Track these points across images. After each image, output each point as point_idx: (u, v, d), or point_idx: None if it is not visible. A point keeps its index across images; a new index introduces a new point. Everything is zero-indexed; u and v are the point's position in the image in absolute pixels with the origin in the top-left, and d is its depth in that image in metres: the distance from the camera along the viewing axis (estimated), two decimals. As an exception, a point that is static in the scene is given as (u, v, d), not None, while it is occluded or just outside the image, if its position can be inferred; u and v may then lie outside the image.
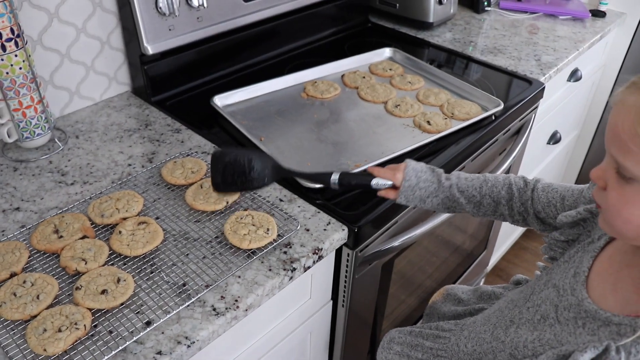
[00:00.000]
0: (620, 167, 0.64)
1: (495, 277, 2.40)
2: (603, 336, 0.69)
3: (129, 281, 0.88)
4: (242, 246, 0.95)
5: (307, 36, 1.76)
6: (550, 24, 2.00)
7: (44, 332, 0.79)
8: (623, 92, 0.64)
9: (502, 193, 0.98)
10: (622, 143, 0.63)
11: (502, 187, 0.99)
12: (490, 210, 1.00)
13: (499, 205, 0.99)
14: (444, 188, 1.01)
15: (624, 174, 0.64)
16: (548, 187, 0.95)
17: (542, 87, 1.58)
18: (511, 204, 0.98)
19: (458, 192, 1.00)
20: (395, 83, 1.53)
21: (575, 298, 0.75)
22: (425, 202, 1.01)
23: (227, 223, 0.99)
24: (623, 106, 0.63)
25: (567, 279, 0.78)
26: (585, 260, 0.78)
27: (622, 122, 0.63)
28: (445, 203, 1.02)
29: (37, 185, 1.13)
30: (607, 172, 0.67)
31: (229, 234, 0.97)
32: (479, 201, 1.00)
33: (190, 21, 1.39)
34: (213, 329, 0.86)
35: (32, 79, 1.15)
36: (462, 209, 1.02)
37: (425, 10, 1.85)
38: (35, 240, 0.95)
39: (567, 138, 2.31)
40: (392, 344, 1.07)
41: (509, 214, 0.99)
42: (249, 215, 1.01)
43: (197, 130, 1.31)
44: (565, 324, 0.74)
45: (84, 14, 1.30)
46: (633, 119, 0.61)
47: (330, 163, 1.22)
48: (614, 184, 0.66)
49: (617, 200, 0.66)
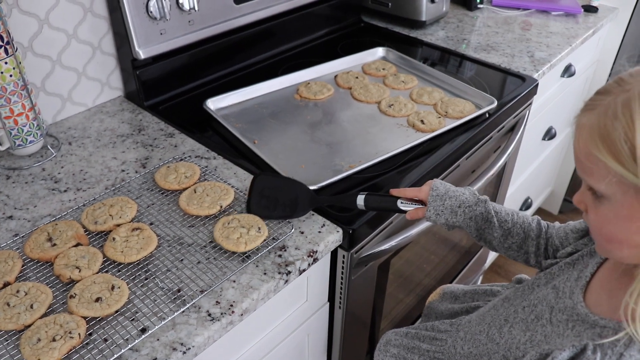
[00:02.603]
0: (590, 186, 0.66)
1: (493, 274, 2.40)
2: (586, 337, 0.69)
3: (124, 288, 0.88)
4: (239, 250, 0.95)
5: (300, 37, 1.76)
6: (543, 20, 2.00)
7: (38, 342, 0.78)
8: (578, 116, 0.67)
9: (532, 226, 0.96)
10: (582, 164, 0.65)
11: (532, 221, 0.97)
12: (517, 244, 0.97)
13: (527, 239, 0.96)
14: (478, 200, 0.97)
15: (596, 193, 0.65)
16: (563, 225, 0.95)
17: (535, 83, 1.58)
18: (539, 241, 0.96)
19: (493, 211, 0.96)
20: (388, 82, 1.53)
21: (571, 301, 0.75)
22: (457, 215, 0.96)
23: (216, 231, 0.99)
24: (577, 129, 0.66)
25: (569, 282, 0.78)
26: (590, 265, 0.78)
27: (578, 144, 0.65)
28: (477, 221, 0.97)
29: (30, 193, 1.12)
30: (585, 195, 0.69)
31: (222, 240, 0.97)
32: (509, 229, 0.96)
33: (181, 25, 1.39)
34: (209, 334, 0.85)
35: (23, 86, 1.14)
36: (491, 233, 0.97)
37: (418, 9, 1.84)
38: (29, 248, 0.95)
39: (562, 133, 2.31)
40: (389, 346, 1.07)
41: (534, 252, 0.96)
42: (235, 219, 1.00)
43: (190, 135, 1.31)
44: (557, 326, 0.75)
45: (74, 20, 1.29)
46: (586, 138, 0.64)
47: (325, 164, 1.22)
48: (591, 205, 0.68)
49: (596, 221, 0.68)
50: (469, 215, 0.97)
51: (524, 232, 0.96)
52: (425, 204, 0.98)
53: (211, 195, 1.07)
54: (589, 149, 0.63)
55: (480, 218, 0.97)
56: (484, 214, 0.96)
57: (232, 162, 1.22)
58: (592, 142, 0.62)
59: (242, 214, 1.03)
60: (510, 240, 0.97)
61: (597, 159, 0.62)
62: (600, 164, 0.62)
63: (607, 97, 0.63)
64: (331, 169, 1.20)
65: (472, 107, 1.42)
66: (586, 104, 0.67)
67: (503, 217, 0.97)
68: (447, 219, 0.97)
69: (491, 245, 0.99)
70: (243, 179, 1.16)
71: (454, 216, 0.97)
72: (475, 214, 0.97)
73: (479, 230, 0.98)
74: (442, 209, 0.97)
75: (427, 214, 0.97)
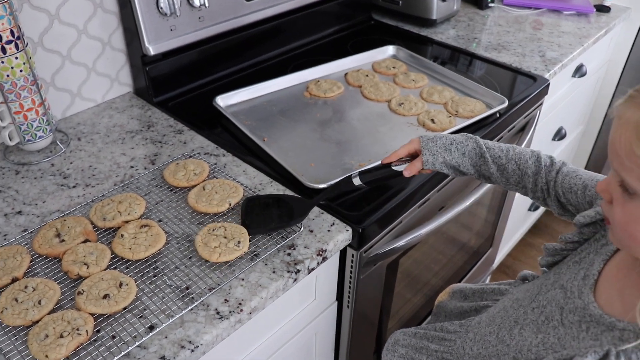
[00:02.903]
0: (622, 181, 0.63)
1: (501, 274, 2.39)
2: (605, 341, 0.68)
3: (132, 285, 0.87)
4: (211, 259, 0.93)
5: (310, 35, 1.75)
6: (555, 19, 1.98)
7: (46, 338, 0.78)
8: (621, 105, 0.63)
9: (529, 164, 0.96)
10: (621, 159, 0.62)
11: (530, 157, 0.97)
12: (515, 179, 0.98)
13: (524, 176, 0.96)
14: (468, 137, 0.99)
15: (627, 189, 0.63)
16: (573, 172, 0.93)
17: (546, 83, 1.57)
18: (537, 178, 0.96)
19: (485, 147, 0.98)
20: (398, 81, 1.52)
21: (582, 301, 0.73)
22: (451, 152, 0.98)
23: (198, 235, 0.97)
24: (620, 121, 0.62)
25: (576, 281, 0.77)
26: (596, 263, 0.76)
27: (620, 138, 0.62)
28: (471, 157, 0.99)
29: (39, 189, 1.12)
30: (612, 185, 0.66)
31: (199, 245, 0.95)
32: (504, 165, 0.97)
33: (191, 21, 1.38)
34: (217, 332, 0.85)
35: (33, 82, 1.14)
36: (487, 169, 0.99)
37: (429, 7, 1.83)
38: (37, 244, 0.94)
39: (572, 134, 2.29)
40: (397, 346, 1.06)
41: (531, 188, 0.97)
42: (222, 227, 0.98)
43: (199, 131, 1.31)
44: (570, 327, 0.73)
45: (84, 15, 1.29)
46: (630, 136, 0.60)
47: (334, 163, 1.21)
48: (618, 198, 0.65)
49: (622, 216, 0.65)
50: (462, 151, 0.99)
51: (519, 168, 0.97)
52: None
53: (220, 192, 1.06)
54: (633, 148, 0.60)
55: (473, 154, 0.99)
56: (476, 149, 0.99)
57: (241, 159, 1.21)
58: (637, 141, 0.59)
59: (232, 223, 1.01)
60: (506, 175, 0.99)
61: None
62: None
63: None
64: (341, 168, 1.19)
65: (483, 107, 1.41)
66: (634, 96, 0.62)
67: (496, 154, 0.98)
68: (445, 158, 0.99)
69: (491, 181, 1.01)
70: (252, 177, 1.16)
71: (448, 153, 0.99)
72: (468, 149, 0.99)
73: (475, 166, 1.00)
74: (436, 148, 0.99)
75: (424, 157, 0.99)
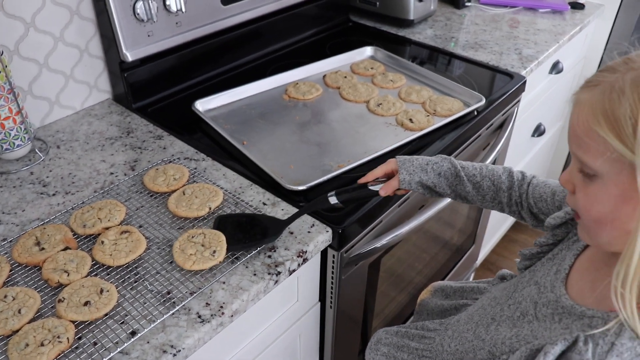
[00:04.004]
0: (582, 164, 0.66)
1: (485, 270, 2.41)
2: (575, 329, 0.69)
3: (112, 291, 0.87)
4: (185, 267, 0.92)
5: (288, 37, 1.76)
6: (530, 17, 2.01)
7: (26, 347, 0.78)
8: (578, 92, 0.67)
9: (503, 178, 0.99)
10: (579, 139, 0.65)
11: (503, 173, 1.00)
12: (491, 196, 1.00)
13: (499, 191, 0.99)
14: (443, 158, 1.02)
15: (587, 172, 0.65)
16: (542, 182, 0.97)
17: (523, 80, 1.59)
18: (511, 192, 0.99)
19: (459, 166, 1.01)
20: (377, 82, 1.53)
21: (554, 294, 0.75)
22: (427, 172, 1.00)
23: (177, 240, 0.96)
24: (577, 105, 0.66)
25: (549, 276, 0.79)
26: (567, 258, 0.79)
27: (577, 119, 0.65)
28: (447, 177, 1.01)
29: (19, 197, 1.12)
30: (574, 175, 0.69)
31: (176, 252, 0.94)
32: (479, 182, 1.00)
33: (169, 26, 1.38)
34: (199, 336, 0.85)
35: (9, 90, 1.14)
36: (463, 188, 1.01)
37: (406, 8, 1.85)
38: (17, 253, 0.94)
39: (551, 130, 2.32)
40: (379, 345, 1.07)
41: (507, 203, 1.00)
42: (202, 234, 0.97)
43: (179, 136, 1.31)
44: (543, 320, 0.75)
45: (61, 23, 1.29)
46: (586, 113, 0.63)
47: (314, 164, 1.22)
48: (580, 185, 0.68)
49: (585, 201, 0.67)
50: (437, 172, 1.01)
51: (493, 184, 1.00)
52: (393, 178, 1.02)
53: (200, 197, 1.07)
54: (589, 125, 0.62)
55: (449, 174, 1.01)
56: (451, 169, 1.01)
57: (221, 163, 1.22)
58: (594, 118, 0.62)
59: (212, 230, 1.00)
60: (482, 193, 1.01)
61: (597, 134, 0.62)
62: (599, 140, 0.62)
63: (612, 75, 0.63)
64: (320, 169, 1.20)
65: (461, 105, 1.42)
66: (587, 81, 0.66)
67: (470, 172, 1.01)
68: (421, 177, 1.01)
69: (468, 200, 1.03)
70: (232, 180, 1.16)
71: (424, 174, 1.00)
72: (443, 170, 1.01)
73: (451, 187, 1.02)
74: (412, 168, 1.01)
75: (400, 177, 1.00)
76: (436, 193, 1.03)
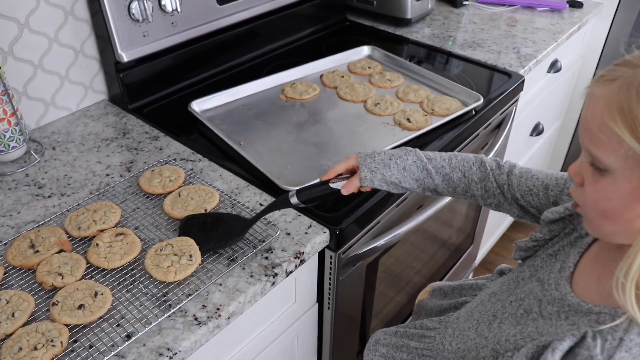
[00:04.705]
0: (593, 159, 0.64)
1: (484, 270, 2.40)
2: (583, 325, 0.69)
3: (107, 294, 0.87)
4: (168, 279, 0.90)
5: (285, 37, 1.75)
6: (529, 16, 2.00)
7: (20, 351, 0.77)
8: (592, 86, 0.65)
9: (474, 169, 0.95)
10: (592, 134, 0.63)
11: (474, 164, 0.95)
12: (462, 188, 0.96)
13: (471, 183, 0.95)
14: (407, 151, 0.96)
15: (598, 166, 0.64)
16: (527, 173, 0.93)
17: (522, 79, 1.58)
18: (485, 184, 0.94)
19: (426, 159, 0.96)
20: (374, 81, 1.52)
21: (559, 292, 0.74)
22: (390, 168, 0.94)
23: (146, 258, 0.93)
24: (592, 99, 0.64)
25: (553, 274, 0.78)
26: (572, 255, 0.78)
27: (591, 113, 0.63)
28: (413, 171, 0.95)
29: (14, 199, 1.11)
30: (583, 167, 0.68)
31: (152, 269, 0.91)
32: (448, 174, 0.95)
33: (164, 26, 1.37)
34: (195, 338, 0.85)
35: (3, 91, 1.13)
36: (432, 181, 0.96)
37: (403, 7, 1.84)
38: (11, 256, 0.93)
39: (549, 129, 2.31)
40: (378, 345, 1.06)
41: (481, 195, 0.95)
42: (169, 245, 0.95)
43: (175, 137, 1.30)
44: (549, 318, 0.74)
45: (55, 23, 1.28)
46: (601, 109, 0.62)
47: (311, 165, 1.21)
48: (589, 178, 0.66)
49: (593, 195, 0.66)
50: (401, 166, 0.95)
51: (464, 176, 0.95)
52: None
53: (196, 198, 1.06)
54: (604, 120, 0.61)
55: (414, 167, 0.95)
56: (417, 162, 0.95)
57: (217, 164, 1.21)
58: (609, 114, 0.60)
59: (177, 238, 0.97)
60: (452, 185, 0.96)
61: (612, 131, 0.60)
62: (613, 136, 0.60)
63: (630, 70, 0.61)
64: (317, 170, 1.19)
65: (459, 105, 1.42)
66: (602, 75, 0.64)
67: (439, 164, 0.96)
68: (384, 174, 0.95)
69: (437, 193, 0.98)
70: (229, 181, 1.16)
71: (387, 169, 0.94)
72: (408, 164, 0.95)
73: (418, 181, 0.96)
74: (374, 165, 0.95)
75: (361, 174, 0.95)
76: (401, 188, 0.97)
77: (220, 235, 0.98)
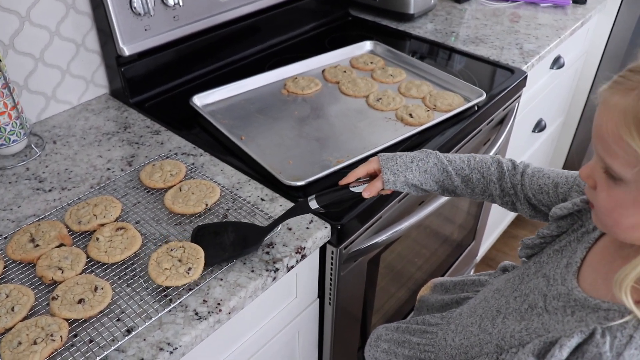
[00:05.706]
0: (607, 167, 0.63)
1: (485, 266, 2.40)
2: (591, 322, 0.68)
3: (107, 289, 0.86)
4: (156, 281, 0.88)
5: (287, 32, 1.74)
6: (532, 11, 1.99)
7: (19, 345, 0.77)
8: (606, 91, 0.62)
9: (492, 170, 0.95)
10: (607, 144, 0.61)
11: (492, 164, 0.96)
12: (480, 189, 0.96)
13: (490, 183, 0.95)
14: (428, 153, 0.96)
15: (612, 174, 0.62)
16: (539, 172, 0.92)
17: (524, 75, 1.58)
18: (502, 183, 0.94)
19: (446, 161, 0.96)
20: (376, 76, 1.52)
21: (565, 287, 0.74)
22: (412, 170, 0.95)
23: (155, 252, 0.92)
24: (606, 107, 0.62)
25: (559, 269, 0.77)
26: (579, 250, 0.77)
27: (606, 124, 0.61)
28: (434, 173, 0.96)
29: (14, 193, 1.11)
30: (596, 171, 0.66)
31: (152, 263, 0.90)
32: (468, 176, 0.96)
33: (166, 20, 1.37)
34: (196, 333, 0.84)
35: (4, 85, 1.12)
36: (451, 183, 0.96)
37: (406, 2, 1.83)
38: (11, 250, 0.93)
39: (552, 125, 2.31)
40: (379, 341, 1.06)
41: (498, 195, 0.96)
42: (182, 248, 0.93)
43: (176, 132, 1.29)
44: (554, 313, 0.73)
45: (56, 17, 1.27)
46: (616, 121, 0.59)
47: (312, 160, 1.21)
48: (603, 184, 0.65)
49: (607, 202, 0.65)
50: (423, 169, 0.96)
51: (483, 177, 0.95)
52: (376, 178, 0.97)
53: (197, 193, 1.05)
54: (620, 133, 0.59)
55: (435, 169, 0.96)
56: (437, 165, 0.96)
57: (219, 159, 1.21)
58: (625, 127, 0.58)
59: (191, 244, 0.95)
60: (471, 186, 0.97)
61: (627, 144, 0.58)
62: (629, 150, 0.58)
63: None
64: (319, 164, 1.19)
65: (461, 100, 1.41)
66: (620, 81, 0.61)
67: (458, 165, 0.96)
68: (406, 177, 0.95)
69: (456, 194, 0.99)
70: (230, 176, 1.15)
71: (409, 172, 0.95)
72: (429, 166, 0.96)
73: (438, 183, 0.97)
74: (396, 167, 0.95)
75: (384, 177, 0.95)
76: (422, 190, 0.98)
77: (236, 244, 0.95)
